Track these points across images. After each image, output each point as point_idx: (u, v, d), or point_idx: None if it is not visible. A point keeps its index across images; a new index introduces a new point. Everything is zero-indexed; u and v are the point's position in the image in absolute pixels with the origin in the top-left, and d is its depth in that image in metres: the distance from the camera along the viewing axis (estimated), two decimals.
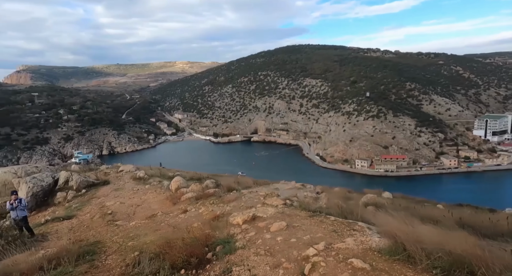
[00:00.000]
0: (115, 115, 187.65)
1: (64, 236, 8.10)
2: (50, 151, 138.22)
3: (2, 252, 6.47)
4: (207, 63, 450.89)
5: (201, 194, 9.40)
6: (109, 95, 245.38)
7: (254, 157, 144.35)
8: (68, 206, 16.84)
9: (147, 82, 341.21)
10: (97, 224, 9.16)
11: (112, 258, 5.41)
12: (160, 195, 12.99)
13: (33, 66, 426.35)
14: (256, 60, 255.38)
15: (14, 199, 8.54)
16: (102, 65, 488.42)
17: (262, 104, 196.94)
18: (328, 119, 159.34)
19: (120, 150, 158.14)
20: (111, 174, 25.51)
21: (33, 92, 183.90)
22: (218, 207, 7.73)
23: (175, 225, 7.02)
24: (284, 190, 9.92)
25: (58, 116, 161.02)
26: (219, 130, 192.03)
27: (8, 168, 25.00)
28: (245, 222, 5.78)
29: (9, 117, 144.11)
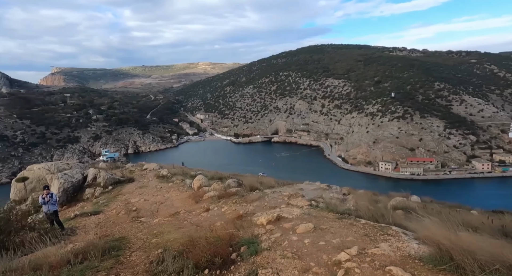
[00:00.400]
0: (140, 115, 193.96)
1: (91, 231, 8.29)
2: (80, 149, 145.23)
3: (34, 244, 6.68)
4: (229, 64, 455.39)
5: (223, 193, 9.33)
6: (135, 96, 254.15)
7: (274, 158, 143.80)
8: (95, 202, 17.44)
9: (170, 83, 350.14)
10: (122, 220, 9.32)
11: (136, 254, 5.42)
12: (182, 193, 13.08)
13: (66, 68, 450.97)
14: (278, 60, 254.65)
15: (46, 193, 8.86)
16: (128, 67, 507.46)
17: (283, 105, 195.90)
18: (350, 120, 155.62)
19: (144, 149, 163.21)
20: (136, 171, 26.25)
21: (65, 94, 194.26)
22: (241, 207, 7.60)
23: (198, 223, 6.97)
24: (309, 191, 9.62)
25: (88, 116, 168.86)
26: (240, 131, 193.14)
27: (42, 164, 26.33)
28: (269, 222, 5.60)
29: (44, 117, 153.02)
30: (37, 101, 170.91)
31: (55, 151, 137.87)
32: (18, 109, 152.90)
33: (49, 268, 4.65)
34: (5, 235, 6.77)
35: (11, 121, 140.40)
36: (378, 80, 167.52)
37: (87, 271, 4.61)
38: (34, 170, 24.84)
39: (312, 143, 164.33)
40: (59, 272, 4.62)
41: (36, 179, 24.22)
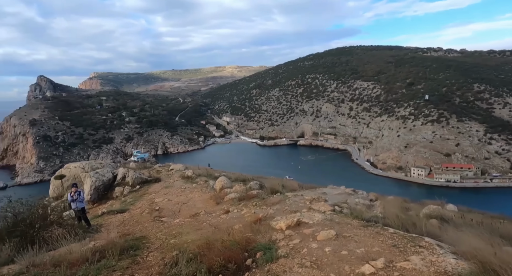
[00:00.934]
0: (169, 117, 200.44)
1: (114, 229, 8.44)
2: (114, 149, 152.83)
3: (60, 240, 6.86)
4: (255, 67, 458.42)
5: (244, 195, 9.15)
6: (165, 99, 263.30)
7: (300, 161, 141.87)
8: (123, 200, 18.01)
9: (198, 87, 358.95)
10: (145, 219, 9.43)
11: (153, 255, 5.36)
12: (205, 194, 13.08)
13: (102, 73, 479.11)
14: (304, 63, 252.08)
15: (74, 191, 9.19)
16: (159, 71, 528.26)
17: (309, 107, 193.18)
18: (380, 124, 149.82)
19: (173, 150, 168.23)
20: (162, 172, 26.91)
21: (101, 97, 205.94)
22: (261, 210, 7.36)
23: (216, 225, 6.83)
24: (333, 195, 9.15)
25: (121, 118, 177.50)
26: (265, 134, 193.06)
27: (78, 163, 27.81)
28: (288, 227, 5.31)
29: (82, 119, 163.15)
30: (77, 104, 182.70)
31: (91, 151, 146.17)
32: (60, 111, 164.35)
33: (68, 265, 4.71)
34: (34, 230, 7.05)
35: (54, 122, 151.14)
36: (410, 82, 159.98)
37: (104, 270, 4.61)
38: (71, 168, 26.27)
39: (339, 146, 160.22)
40: (77, 269, 4.66)
41: (72, 176, 25.59)
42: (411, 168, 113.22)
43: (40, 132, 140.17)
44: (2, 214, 7.05)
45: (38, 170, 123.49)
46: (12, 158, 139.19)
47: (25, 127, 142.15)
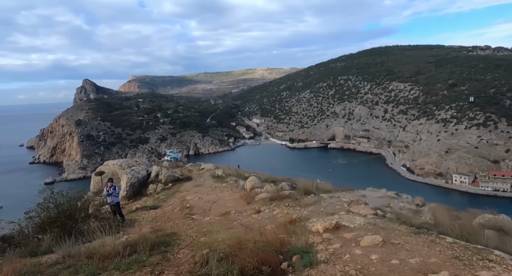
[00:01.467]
0: (201, 119, 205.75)
1: (146, 224, 8.51)
2: (149, 149, 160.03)
3: (96, 232, 7.00)
4: (286, 69, 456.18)
5: (276, 195, 8.82)
6: (197, 101, 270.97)
7: (330, 164, 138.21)
8: (156, 197, 18.49)
9: (229, 89, 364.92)
10: (176, 216, 9.45)
11: (183, 252, 5.22)
12: (235, 193, 12.94)
13: (140, 76, 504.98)
14: (337, 64, 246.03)
15: (110, 186, 9.45)
16: (192, 74, 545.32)
17: (341, 110, 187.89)
18: (418, 127, 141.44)
19: (204, 151, 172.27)
20: (194, 171, 27.39)
21: (139, 99, 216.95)
22: (294, 210, 6.98)
23: (247, 224, 6.58)
24: (373, 198, 8.48)
25: (156, 119, 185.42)
26: (295, 136, 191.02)
27: (116, 160, 29.21)
28: (326, 230, 4.88)
29: (121, 120, 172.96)
30: (116, 106, 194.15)
31: (129, 150, 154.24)
32: (101, 112, 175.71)
33: (100, 258, 4.71)
34: (73, 221, 7.29)
35: (96, 123, 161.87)
36: (453, 83, 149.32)
37: (134, 264, 4.54)
38: (109, 165, 27.65)
39: (373, 150, 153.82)
40: (109, 262, 4.64)
41: (110, 173, 26.91)
42: (452, 174, 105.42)
43: (84, 132, 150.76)
44: (45, 204, 7.40)
45: (81, 167, 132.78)
46: (60, 155, 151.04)
47: (71, 127, 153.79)
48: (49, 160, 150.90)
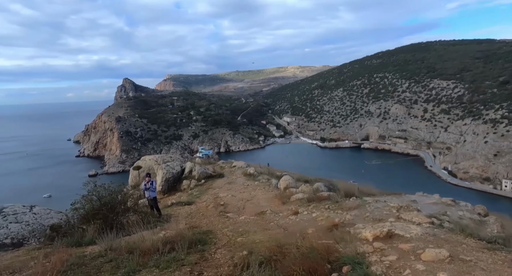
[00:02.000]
0: (232, 117, 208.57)
1: (182, 220, 8.55)
2: (182, 145, 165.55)
3: (134, 226, 7.12)
4: (318, 67, 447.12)
5: (313, 196, 8.44)
6: (228, 99, 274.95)
7: (363, 165, 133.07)
8: (190, 193, 18.84)
9: (260, 87, 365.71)
10: (210, 213, 9.42)
11: (221, 252, 5.09)
12: (268, 192, 12.72)
13: (175, 75, 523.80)
14: (372, 61, 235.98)
15: (148, 180, 9.66)
16: (224, 73, 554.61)
17: (376, 109, 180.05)
18: (462, 128, 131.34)
19: (234, 148, 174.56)
20: (225, 168, 27.64)
21: (173, 97, 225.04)
22: (335, 214, 6.56)
23: (285, 226, 6.31)
24: (425, 205, 7.74)
25: (189, 117, 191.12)
26: (326, 135, 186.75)
27: (152, 156, 30.38)
28: (376, 238, 4.44)
29: (157, 117, 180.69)
30: (153, 103, 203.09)
31: (163, 146, 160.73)
32: (139, 110, 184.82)
33: (140, 254, 4.71)
34: (113, 215, 7.50)
35: (134, 120, 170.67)
36: (504, 81, 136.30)
37: (173, 263, 4.47)
38: (146, 160, 28.80)
39: (410, 151, 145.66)
40: (148, 259, 4.63)
41: (147, 168, 28.01)
42: (502, 179, 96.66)
43: (123, 128, 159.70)
44: (89, 197, 7.72)
45: (121, 161, 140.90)
46: (102, 149, 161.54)
47: (112, 123, 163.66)
48: (93, 153, 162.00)
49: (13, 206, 7.26)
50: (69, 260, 4.61)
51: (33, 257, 5.17)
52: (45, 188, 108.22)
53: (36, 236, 6.81)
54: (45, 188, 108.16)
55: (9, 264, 5.00)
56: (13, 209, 7.04)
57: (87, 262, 4.60)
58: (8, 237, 6.37)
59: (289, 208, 8.05)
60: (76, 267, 4.37)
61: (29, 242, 6.64)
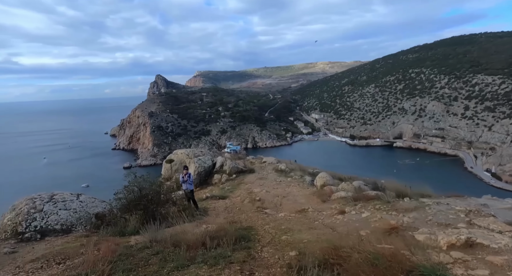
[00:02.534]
0: (259, 113, 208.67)
1: (220, 214, 8.41)
2: (210, 141, 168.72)
3: (175, 218, 7.06)
4: (349, 63, 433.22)
5: (359, 195, 7.91)
6: (256, 95, 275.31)
7: (395, 164, 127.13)
8: (222, 187, 18.89)
9: (288, 83, 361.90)
10: (247, 208, 9.20)
11: (267, 250, 4.81)
12: (304, 189, 12.30)
13: (204, 71, 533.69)
14: (408, 56, 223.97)
15: (185, 173, 9.63)
16: (252, 69, 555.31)
17: (410, 106, 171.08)
18: (509, 127, 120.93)
19: (261, 144, 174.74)
20: (255, 163, 27.51)
21: (202, 93, 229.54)
22: (390, 215, 6.00)
23: (332, 226, 5.90)
24: (500, 210, 6.90)
25: (218, 112, 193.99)
26: (356, 133, 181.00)
27: (183, 150, 31.07)
28: (452, 247, 3.87)
29: (187, 113, 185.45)
30: (183, 99, 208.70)
31: (193, 141, 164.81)
32: (170, 105, 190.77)
33: (186, 247, 4.56)
34: (155, 205, 7.53)
35: (165, 115, 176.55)
36: None
37: (221, 259, 4.27)
38: (178, 154, 29.47)
39: (447, 151, 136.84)
40: (195, 253, 4.46)
41: (179, 161, 28.66)
42: None
43: (155, 123, 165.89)
44: (130, 187, 7.82)
45: (152, 155, 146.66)
46: (136, 143, 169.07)
47: (145, 118, 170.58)
48: (127, 147, 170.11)
49: (62, 193, 7.55)
50: (117, 250, 4.58)
51: (82, 245, 5.26)
52: (83, 178, 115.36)
53: (83, 224, 7.01)
54: (83, 178, 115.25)
55: (60, 250, 5.11)
56: (62, 196, 7.31)
57: (134, 253, 4.55)
58: (58, 223, 6.61)
59: (331, 206, 7.61)
60: (124, 258, 4.33)
61: (77, 229, 6.85)
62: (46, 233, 6.45)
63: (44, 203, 6.84)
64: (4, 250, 5.62)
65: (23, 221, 6.29)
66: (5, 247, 5.75)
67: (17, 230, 6.18)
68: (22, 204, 6.65)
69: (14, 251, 5.61)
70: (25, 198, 6.94)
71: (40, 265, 4.44)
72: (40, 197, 6.92)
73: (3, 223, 6.43)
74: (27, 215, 6.43)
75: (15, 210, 6.53)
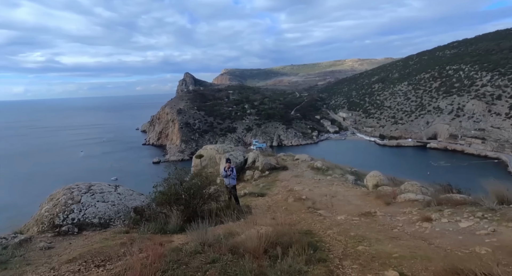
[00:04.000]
0: (285, 111, 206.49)
1: (266, 214, 7.44)
2: (236, 138, 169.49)
3: (219, 216, 6.22)
4: (379, 60, 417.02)
5: (442, 198, 6.62)
6: (282, 93, 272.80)
7: (429, 166, 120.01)
8: (255, 184, 17.98)
9: (315, 81, 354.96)
10: (295, 208, 8.19)
11: (350, 266, 3.76)
12: (351, 189, 11.08)
13: (230, 69, 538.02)
14: (445, 52, 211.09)
15: (228, 166, 8.74)
16: (278, 67, 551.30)
17: (447, 104, 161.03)
18: None
19: (287, 142, 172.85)
20: (287, 160, 26.39)
21: (229, 91, 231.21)
22: (507, 228, 4.64)
23: (423, 237, 4.71)
24: None
25: (243, 110, 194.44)
26: (386, 132, 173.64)
27: (213, 145, 30.69)
28: None
29: (213, 110, 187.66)
30: (210, 97, 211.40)
31: (219, 138, 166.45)
32: (197, 103, 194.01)
33: (247, 255, 3.65)
34: (198, 201, 6.74)
35: (193, 112, 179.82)
36: None
37: (296, 275, 3.29)
38: (207, 149, 29.05)
39: (489, 153, 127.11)
40: (259, 263, 3.54)
41: (208, 157, 28.22)
42: None
43: (183, 120, 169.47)
44: (171, 180, 7.09)
45: (180, 151, 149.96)
46: (164, 139, 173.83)
47: (173, 115, 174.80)
48: (157, 142, 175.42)
49: (100, 184, 7.01)
50: (165, 254, 3.78)
51: (122, 243, 4.57)
52: (113, 171, 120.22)
53: (121, 218, 6.39)
54: (114, 171, 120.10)
55: (99, 248, 4.46)
56: (100, 187, 6.76)
57: (186, 260, 3.73)
58: (96, 216, 6.02)
59: (403, 210, 6.40)
60: (175, 266, 3.52)
61: (115, 224, 6.24)
62: (83, 226, 5.90)
63: (82, 194, 6.30)
64: (40, 244, 5.09)
65: (61, 213, 5.76)
66: (41, 241, 5.23)
67: (54, 222, 5.66)
68: (60, 194, 6.14)
69: (51, 246, 5.07)
70: (62, 187, 6.46)
71: (77, 268, 3.78)
72: (78, 187, 6.39)
73: (40, 213, 5.96)
74: (65, 206, 5.89)
75: (53, 200, 6.04)
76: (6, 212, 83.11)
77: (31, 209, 34.79)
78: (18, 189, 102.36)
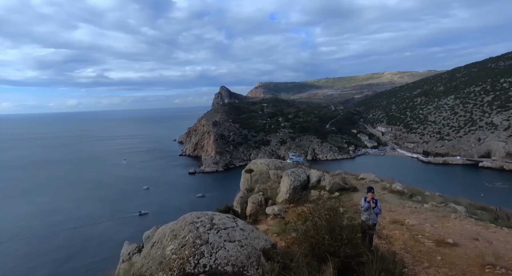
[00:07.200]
0: (320, 124, 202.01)
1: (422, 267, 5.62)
2: (270, 151, 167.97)
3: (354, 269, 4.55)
4: (421, 72, 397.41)
5: None
6: (317, 106, 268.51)
7: (482, 187, 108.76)
8: None
9: (352, 94, 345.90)
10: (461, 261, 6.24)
11: None
12: (479, 226, 8.87)
13: (265, 82, 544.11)
14: (498, 63, 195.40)
15: (371, 197, 7.08)
16: (313, 80, 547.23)
17: (502, 120, 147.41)
18: None
19: (321, 157, 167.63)
20: (351, 180, 24.12)
21: (263, 103, 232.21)
22: None
23: None
24: None
25: (277, 123, 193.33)
26: (431, 149, 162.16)
27: (262, 160, 29.05)
28: None
29: (248, 122, 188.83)
30: (244, 110, 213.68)
31: (252, 150, 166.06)
32: (232, 115, 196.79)
33: None
34: (349, 249, 5.12)
35: (228, 124, 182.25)
36: None
37: None
38: (257, 164, 27.44)
39: None
40: None
41: (259, 172, 26.59)
42: None
43: (218, 132, 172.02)
44: (314, 215, 5.57)
45: (215, 162, 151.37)
46: (200, 150, 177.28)
47: (209, 126, 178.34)
48: (192, 153, 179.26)
49: (219, 215, 5.61)
50: None
51: None
52: (150, 180, 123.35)
53: (254, 265, 5.00)
54: (150, 180, 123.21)
55: None
56: (222, 221, 5.39)
57: None
58: (228, 263, 4.67)
59: None
60: None
61: (249, 273, 4.85)
62: None
63: (207, 231, 5.02)
64: None
65: (191, 256, 4.51)
66: None
67: (185, 270, 4.41)
68: (185, 230, 4.89)
69: None
70: (184, 220, 5.18)
71: None
72: (202, 222, 5.10)
73: (164, 254, 4.74)
74: (194, 248, 4.64)
75: (177, 238, 4.81)
76: (56, 215, 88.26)
77: (78, 214, 35.99)
78: (65, 192, 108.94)
